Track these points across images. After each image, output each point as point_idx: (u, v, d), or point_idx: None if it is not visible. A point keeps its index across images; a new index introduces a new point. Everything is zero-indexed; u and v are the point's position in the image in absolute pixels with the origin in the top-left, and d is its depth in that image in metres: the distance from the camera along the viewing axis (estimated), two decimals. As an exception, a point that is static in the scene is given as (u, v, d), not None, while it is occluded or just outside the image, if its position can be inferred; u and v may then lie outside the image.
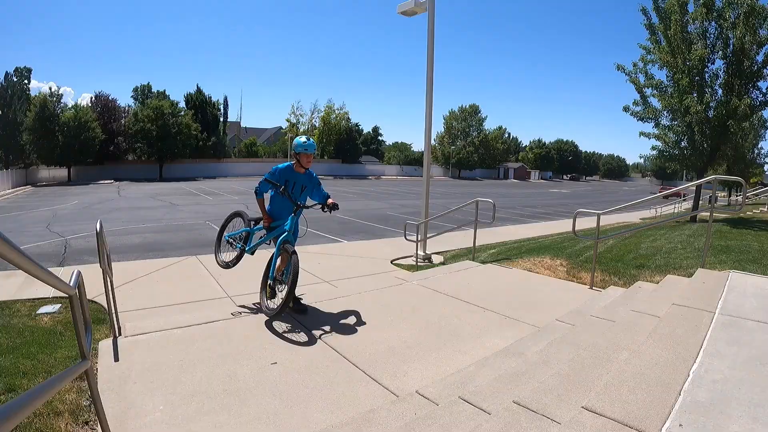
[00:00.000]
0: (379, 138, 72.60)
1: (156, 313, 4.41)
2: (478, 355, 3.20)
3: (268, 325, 3.79)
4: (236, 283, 5.48)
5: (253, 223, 4.52)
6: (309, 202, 4.19)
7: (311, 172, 4.25)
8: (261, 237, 4.41)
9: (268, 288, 4.01)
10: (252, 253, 4.53)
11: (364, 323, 3.88)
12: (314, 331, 3.65)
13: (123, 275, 5.66)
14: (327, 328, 3.76)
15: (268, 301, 3.96)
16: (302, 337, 3.55)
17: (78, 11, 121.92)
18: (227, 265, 4.56)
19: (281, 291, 3.89)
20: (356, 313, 4.12)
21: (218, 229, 4.99)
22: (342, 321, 3.95)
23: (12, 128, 36.52)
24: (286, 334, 3.60)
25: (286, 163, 4.16)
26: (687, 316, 2.84)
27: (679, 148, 15.16)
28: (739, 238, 9.31)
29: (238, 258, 4.47)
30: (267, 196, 4.25)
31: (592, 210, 5.73)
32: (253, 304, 4.39)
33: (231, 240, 4.69)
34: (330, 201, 4.18)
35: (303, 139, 4.08)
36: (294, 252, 3.75)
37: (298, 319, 3.95)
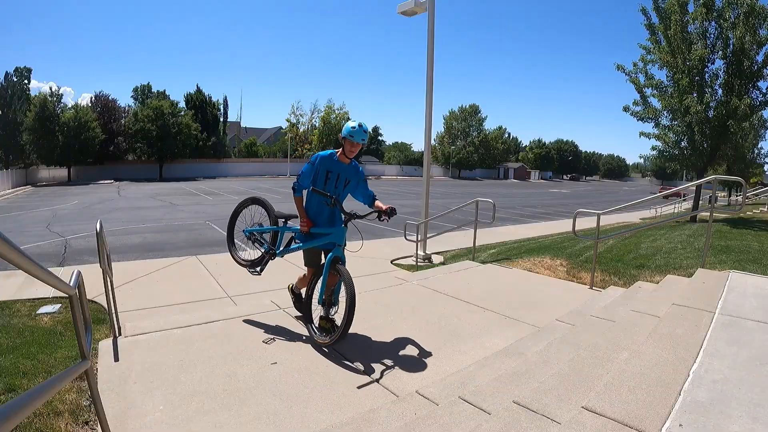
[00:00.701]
0: (379, 138, 72.53)
1: (156, 313, 4.41)
2: (478, 355, 3.20)
3: (269, 325, 3.78)
4: (236, 283, 5.48)
5: (282, 221, 3.84)
6: (362, 211, 3.53)
7: (357, 165, 3.60)
8: (295, 241, 3.73)
9: (311, 312, 3.57)
10: (282, 257, 3.88)
11: (364, 323, 3.88)
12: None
13: (123, 275, 5.66)
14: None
15: (316, 327, 3.50)
16: (302, 337, 3.55)
17: (78, 11, 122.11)
18: (251, 266, 3.89)
19: (334, 314, 3.51)
20: (356, 313, 4.10)
21: (228, 220, 4.28)
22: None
23: (12, 128, 36.53)
24: (286, 334, 3.60)
25: (328, 151, 3.53)
26: (687, 316, 2.84)
27: (679, 148, 15.16)
28: (739, 238, 9.31)
29: (266, 261, 3.82)
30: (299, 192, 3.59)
31: (592, 210, 5.73)
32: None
33: (254, 236, 3.97)
34: (384, 206, 3.47)
35: (354, 124, 3.40)
36: (347, 272, 3.25)
37: (298, 319, 3.95)
